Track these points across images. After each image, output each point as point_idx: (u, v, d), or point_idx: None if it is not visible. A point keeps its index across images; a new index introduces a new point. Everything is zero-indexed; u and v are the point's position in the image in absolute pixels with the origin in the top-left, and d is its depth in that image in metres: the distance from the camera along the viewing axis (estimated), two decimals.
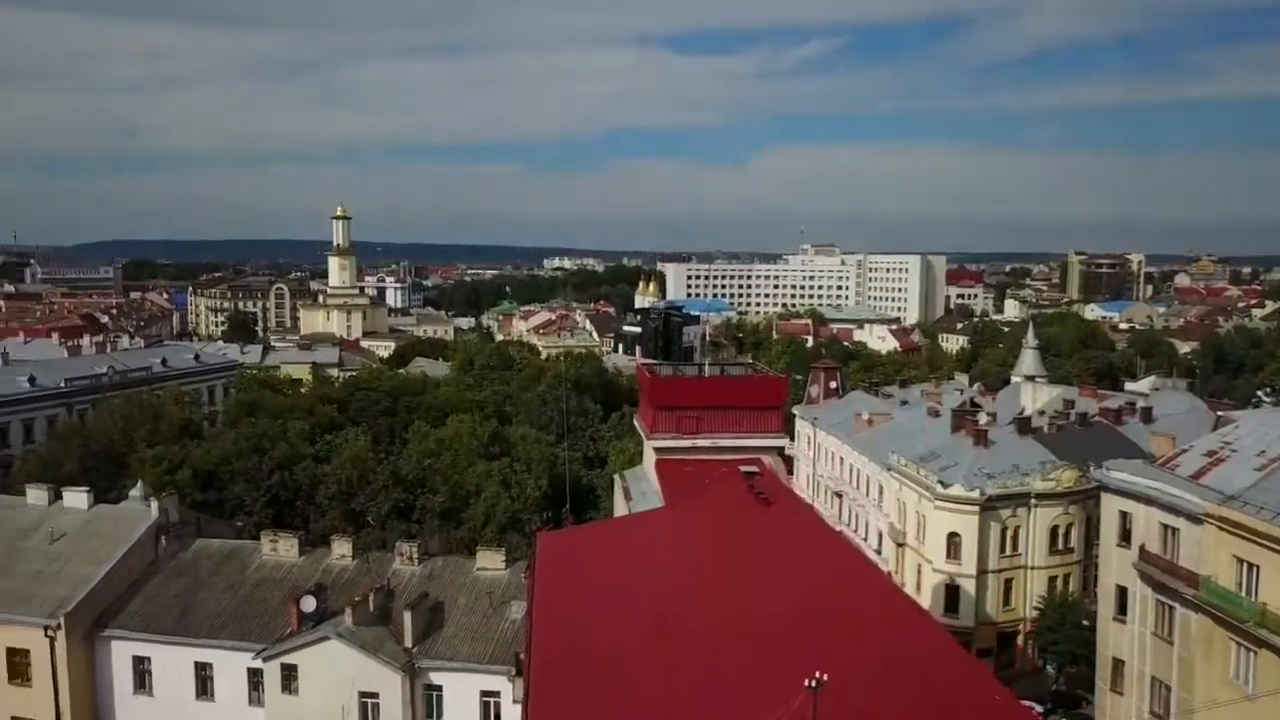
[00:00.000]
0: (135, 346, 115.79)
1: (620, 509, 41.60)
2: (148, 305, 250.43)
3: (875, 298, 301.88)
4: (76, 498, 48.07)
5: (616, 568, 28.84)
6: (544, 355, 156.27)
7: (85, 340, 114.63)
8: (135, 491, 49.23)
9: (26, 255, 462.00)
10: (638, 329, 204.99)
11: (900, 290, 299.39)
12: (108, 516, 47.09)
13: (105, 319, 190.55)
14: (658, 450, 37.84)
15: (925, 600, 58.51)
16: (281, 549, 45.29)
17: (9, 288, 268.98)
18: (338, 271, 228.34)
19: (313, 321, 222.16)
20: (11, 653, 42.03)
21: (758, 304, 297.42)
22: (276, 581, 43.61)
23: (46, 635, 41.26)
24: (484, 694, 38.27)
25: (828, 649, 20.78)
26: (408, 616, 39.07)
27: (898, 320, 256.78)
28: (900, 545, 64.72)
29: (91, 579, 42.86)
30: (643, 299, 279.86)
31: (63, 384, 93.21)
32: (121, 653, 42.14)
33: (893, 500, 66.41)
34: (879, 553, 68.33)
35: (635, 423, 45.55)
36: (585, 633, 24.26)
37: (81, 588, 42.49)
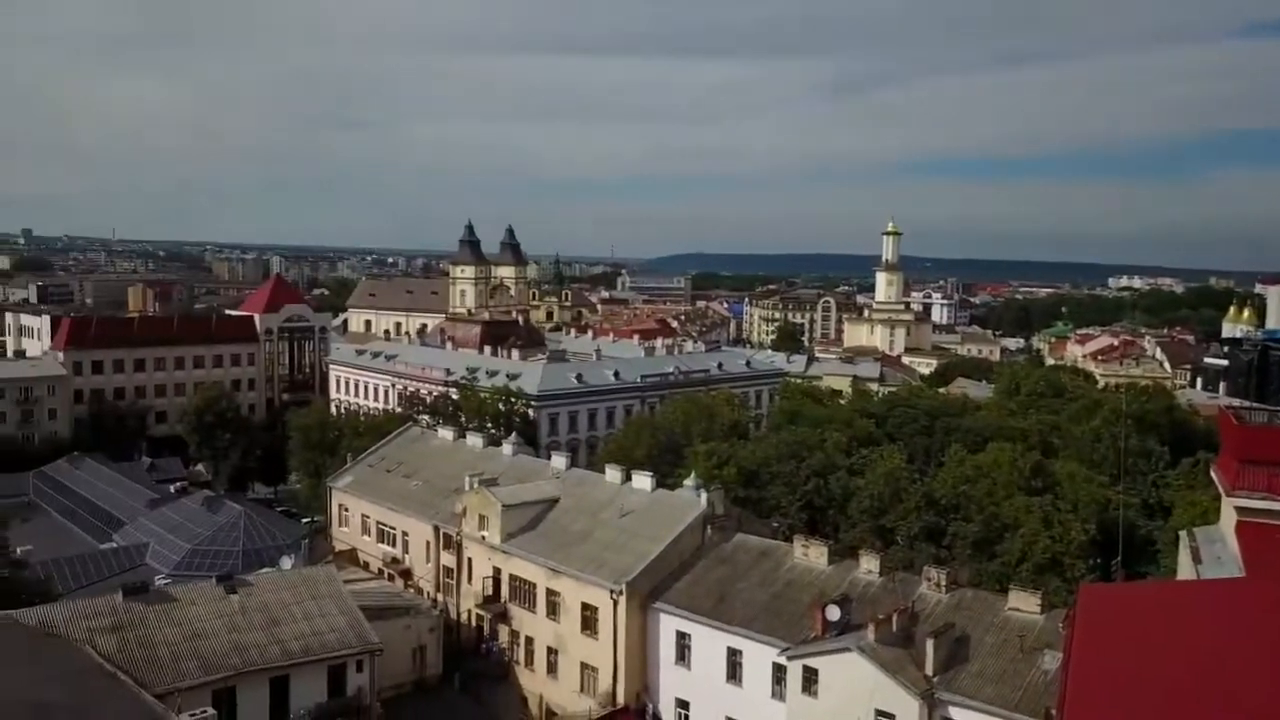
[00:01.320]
0: (697, 350, 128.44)
1: (1185, 571, 36.01)
2: (710, 313, 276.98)
3: None
4: (643, 480, 54.48)
5: (1174, 640, 24.90)
6: (1101, 385, 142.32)
7: (658, 342, 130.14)
8: (689, 481, 54.30)
9: (619, 266, 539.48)
10: (1224, 362, 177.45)
11: None
12: (666, 501, 52.65)
13: (675, 324, 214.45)
14: (1240, 510, 31.99)
15: None
16: (812, 555, 46.79)
17: (605, 293, 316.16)
18: (884, 286, 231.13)
19: (856, 335, 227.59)
20: (585, 607, 48.98)
21: None
22: (805, 585, 45.12)
23: (612, 598, 47.36)
24: None
25: None
26: (930, 644, 37.91)
27: None
28: None
29: (650, 554, 48.23)
30: (1233, 327, 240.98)
31: (639, 379, 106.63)
32: (668, 625, 46.77)
33: None
34: None
35: (1212, 474, 39.12)
36: (1129, 707, 21.28)
37: (641, 561, 48.01)
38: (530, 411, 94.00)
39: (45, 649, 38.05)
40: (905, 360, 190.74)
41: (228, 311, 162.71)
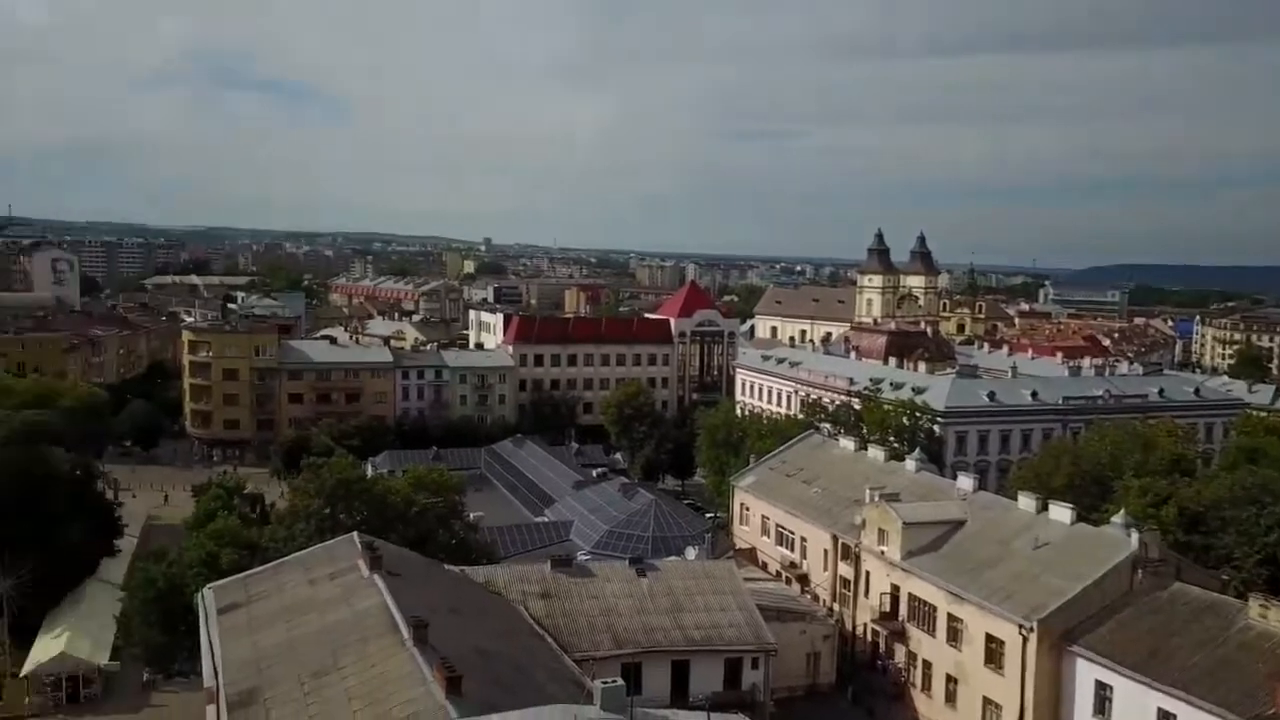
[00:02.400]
0: (1133, 372, 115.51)
1: None
2: (1150, 331, 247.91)
3: None
4: (1061, 512, 49.94)
5: None
6: None
7: (1085, 362, 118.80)
8: (1117, 518, 48.94)
9: (1043, 277, 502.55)
10: None
11: None
12: (1087, 536, 47.83)
13: (1106, 342, 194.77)
14: None
15: None
16: (1272, 618, 39.83)
17: (1024, 305, 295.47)
18: None
19: None
20: (989, 639, 45.94)
21: None
22: (1262, 651, 38.54)
23: (1020, 634, 43.92)
24: None
25: None
26: None
27: None
28: None
29: (1066, 592, 44.05)
30: None
31: (1060, 401, 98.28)
32: (1085, 673, 42.37)
33: None
34: None
35: None
36: None
37: (1056, 598, 44.00)
38: (936, 428, 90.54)
39: (489, 604, 43.27)
40: None
41: (647, 315, 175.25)
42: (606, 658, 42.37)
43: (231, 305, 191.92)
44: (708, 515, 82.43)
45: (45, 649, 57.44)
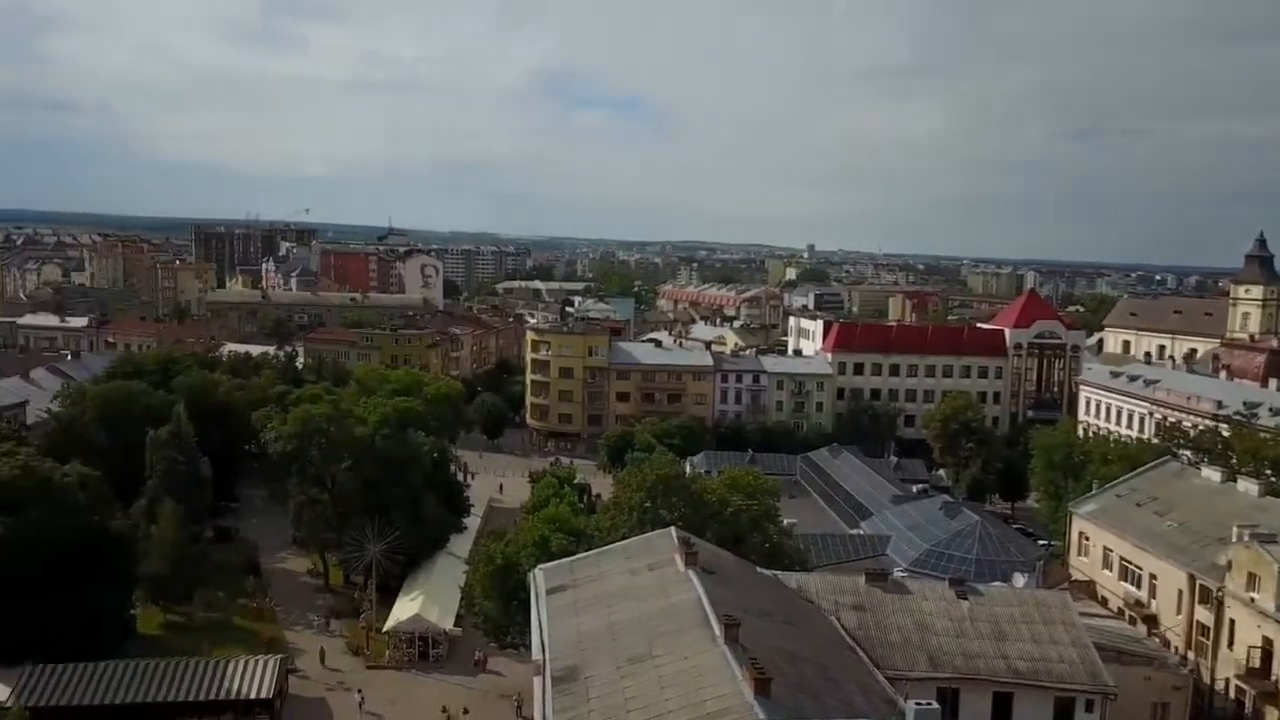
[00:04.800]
0: None
1: None
2: None
3: None
4: None
5: None
6: None
7: None
8: None
9: None
10: None
11: None
12: None
13: None
14: None
15: None
16: None
17: None
18: None
19: None
20: None
21: None
22: None
23: None
24: None
25: None
26: None
27: None
28: None
29: None
30: None
31: None
32: None
33: None
34: None
35: None
36: None
37: None
38: None
39: (800, 610, 42.76)
40: None
41: (978, 324, 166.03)
42: (921, 679, 40.31)
43: (569, 308, 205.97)
44: (1040, 543, 76.51)
45: (403, 610, 64.54)
